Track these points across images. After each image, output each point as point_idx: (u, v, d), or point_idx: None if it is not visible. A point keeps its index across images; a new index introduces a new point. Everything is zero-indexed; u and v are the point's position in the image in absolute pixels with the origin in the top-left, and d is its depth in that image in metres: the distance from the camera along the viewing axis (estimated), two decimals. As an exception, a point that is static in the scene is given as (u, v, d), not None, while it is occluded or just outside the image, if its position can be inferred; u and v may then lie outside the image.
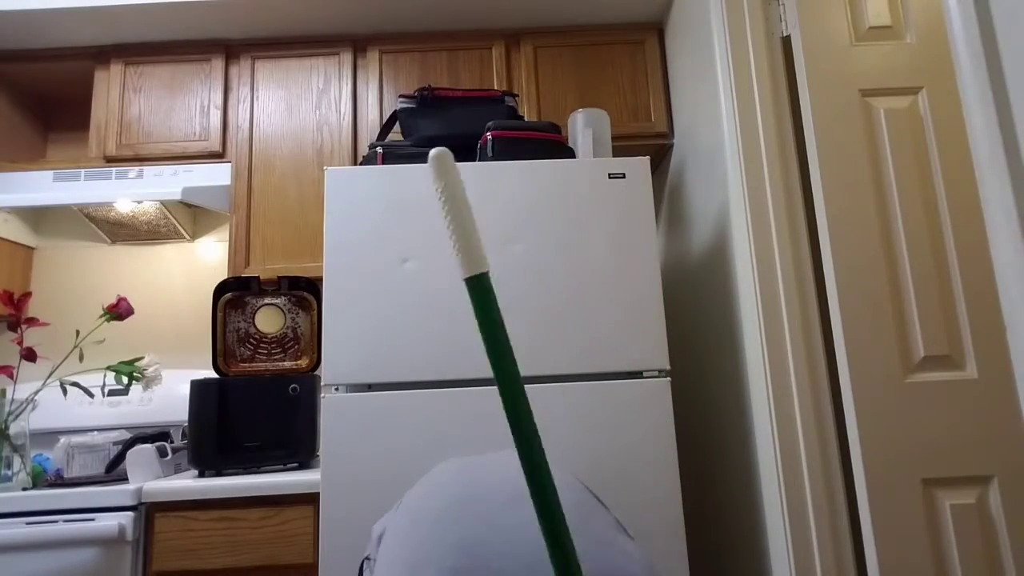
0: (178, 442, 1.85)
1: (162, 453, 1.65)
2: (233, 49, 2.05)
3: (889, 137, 1.40)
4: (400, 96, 1.73)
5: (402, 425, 1.39)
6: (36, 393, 1.66)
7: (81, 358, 1.79)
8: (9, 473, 1.57)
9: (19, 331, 1.69)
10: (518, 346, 1.44)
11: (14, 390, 1.65)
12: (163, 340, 2.13)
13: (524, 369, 1.43)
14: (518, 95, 1.93)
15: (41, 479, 1.70)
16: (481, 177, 1.51)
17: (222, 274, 2.14)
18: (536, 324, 1.45)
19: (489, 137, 1.59)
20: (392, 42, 2.05)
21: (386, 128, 1.81)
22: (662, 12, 2.04)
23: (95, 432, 1.77)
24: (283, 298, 1.88)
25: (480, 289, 0.51)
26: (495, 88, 1.93)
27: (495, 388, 1.41)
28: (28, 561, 1.41)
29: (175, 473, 1.72)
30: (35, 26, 1.93)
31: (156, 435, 1.72)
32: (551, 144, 1.61)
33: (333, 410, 1.40)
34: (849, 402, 1.31)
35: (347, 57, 2.04)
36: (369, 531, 1.34)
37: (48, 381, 1.69)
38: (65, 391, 1.68)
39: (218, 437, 1.61)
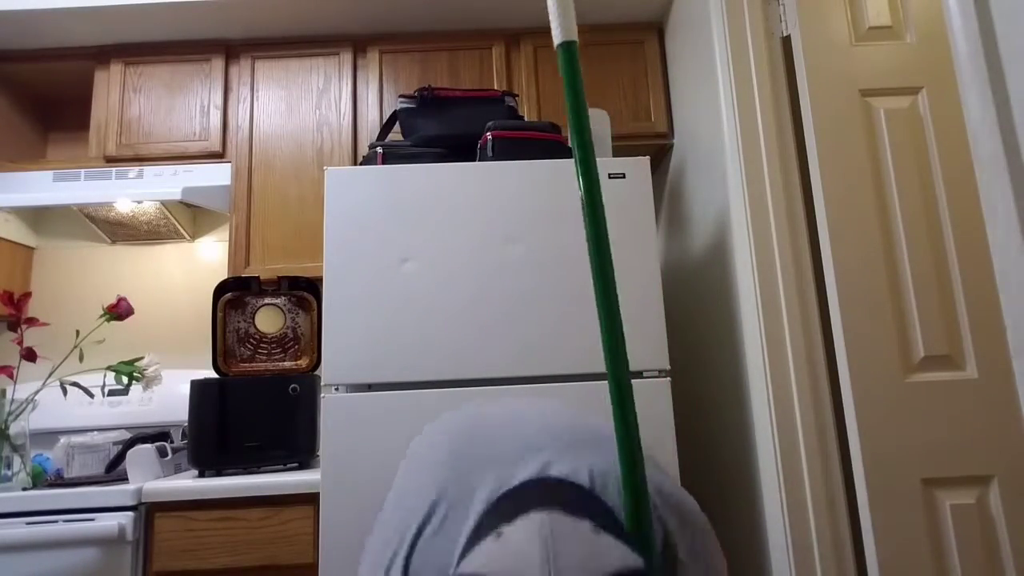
0: (178, 442, 1.85)
1: (162, 453, 1.65)
2: (233, 49, 2.05)
3: (889, 137, 1.40)
4: (400, 96, 1.73)
5: (402, 425, 1.39)
6: (36, 393, 1.66)
7: (81, 358, 1.79)
8: (9, 473, 1.57)
9: (19, 331, 1.69)
10: (519, 346, 1.44)
11: (14, 390, 1.65)
12: (163, 340, 2.13)
13: (524, 370, 1.43)
14: (518, 95, 1.93)
15: (41, 479, 1.69)
16: (481, 177, 1.51)
17: (222, 274, 2.14)
18: (536, 324, 1.45)
19: (489, 137, 1.59)
20: (392, 42, 2.05)
21: (386, 128, 1.81)
22: (662, 12, 2.04)
23: (95, 432, 1.77)
24: (283, 298, 1.87)
25: (569, 55, 0.60)
26: (495, 88, 1.93)
27: (494, 388, 1.41)
28: (28, 561, 1.41)
29: (175, 473, 1.72)
30: (35, 26, 1.93)
31: (156, 435, 1.72)
32: (551, 144, 1.61)
33: (333, 410, 1.40)
34: (849, 402, 1.31)
35: (347, 57, 2.04)
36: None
37: (48, 381, 1.69)
38: (65, 391, 1.68)
39: (218, 437, 1.61)
